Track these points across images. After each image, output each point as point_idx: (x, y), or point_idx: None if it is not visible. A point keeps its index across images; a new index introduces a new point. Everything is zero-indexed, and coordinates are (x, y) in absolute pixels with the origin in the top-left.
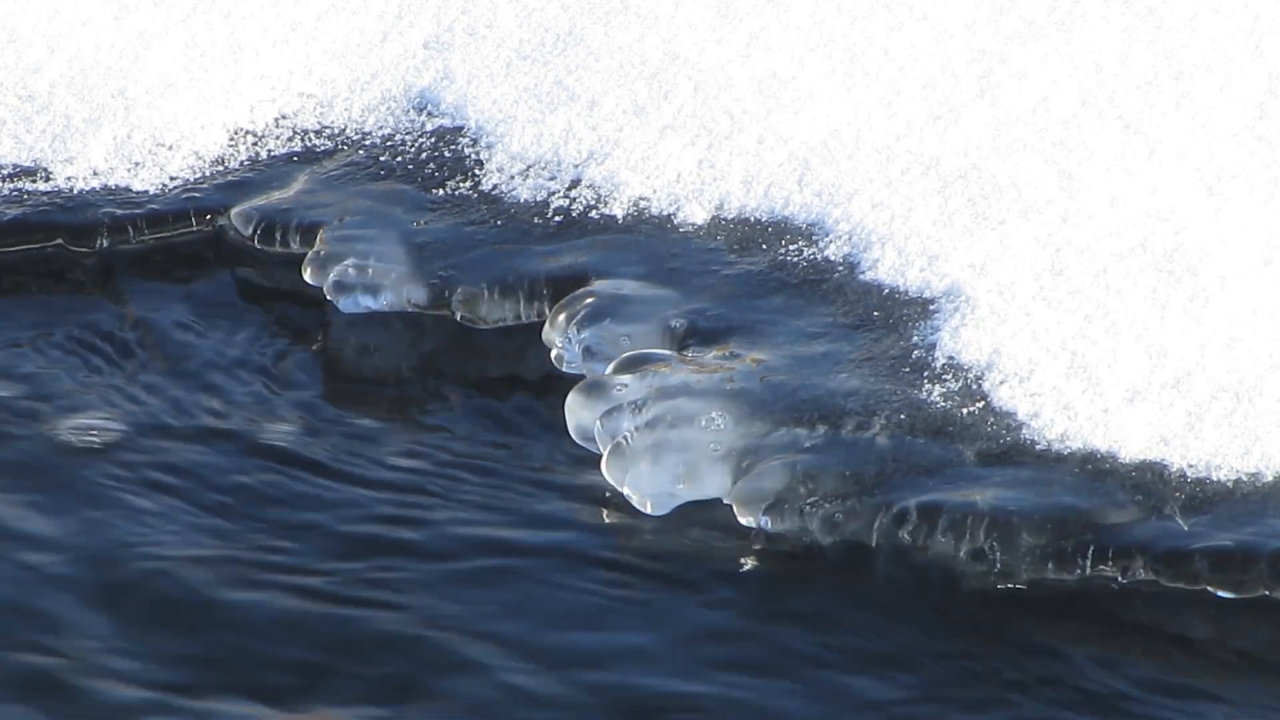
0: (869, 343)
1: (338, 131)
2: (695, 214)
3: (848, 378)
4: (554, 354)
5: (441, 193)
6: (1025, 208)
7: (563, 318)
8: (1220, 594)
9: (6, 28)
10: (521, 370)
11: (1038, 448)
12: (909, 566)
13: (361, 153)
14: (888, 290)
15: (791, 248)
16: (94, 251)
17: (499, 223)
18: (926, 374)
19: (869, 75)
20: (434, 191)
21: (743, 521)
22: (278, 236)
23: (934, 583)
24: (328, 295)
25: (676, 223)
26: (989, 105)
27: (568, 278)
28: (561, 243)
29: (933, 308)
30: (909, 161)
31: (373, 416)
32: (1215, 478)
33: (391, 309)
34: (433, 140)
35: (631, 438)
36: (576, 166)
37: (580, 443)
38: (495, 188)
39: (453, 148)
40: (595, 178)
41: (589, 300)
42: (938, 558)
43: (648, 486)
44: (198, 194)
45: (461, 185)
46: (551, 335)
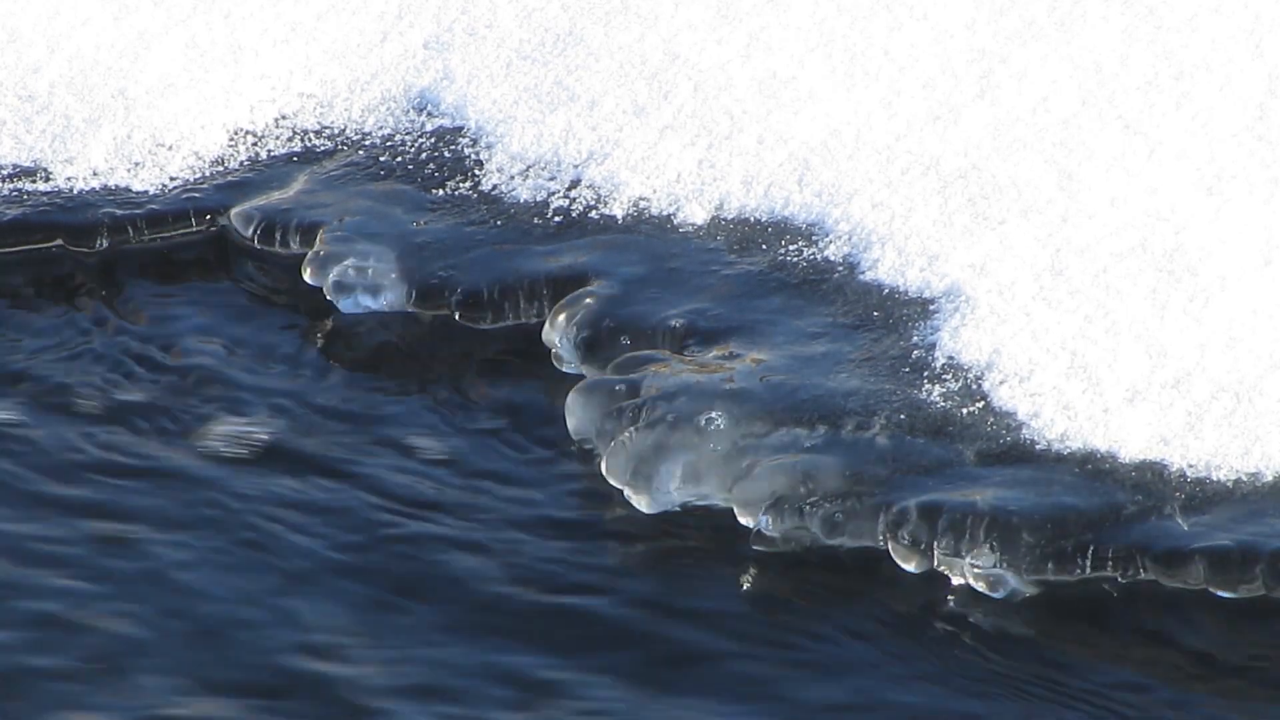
0: (869, 343)
1: (338, 131)
2: (695, 214)
3: (848, 378)
4: (554, 354)
5: (441, 193)
6: (1025, 208)
7: (563, 318)
8: (1220, 594)
9: (6, 28)
10: (521, 370)
11: (1038, 448)
12: (908, 566)
13: (361, 153)
14: (888, 290)
15: (791, 248)
16: (94, 251)
17: (499, 223)
18: (926, 374)
19: (869, 75)
20: (434, 191)
21: (742, 521)
22: (278, 236)
23: (933, 583)
24: (328, 295)
25: (676, 223)
26: (989, 105)
27: (568, 278)
28: (561, 243)
29: (933, 308)
30: (909, 161)
31: (372, 416)
32: (1215, 478)
33: (391, 309)
34: (433, 140)
35: (631, 438)
36: (576, 166)
37: (580, 442)
38: (495, 188)
39: (453, 148)
40: (595, 178)
41: (589, 300)
42: (938, 558)
43: (647, 486)
44: (198, 194)
45: (461, 185)
46: (551, 335)
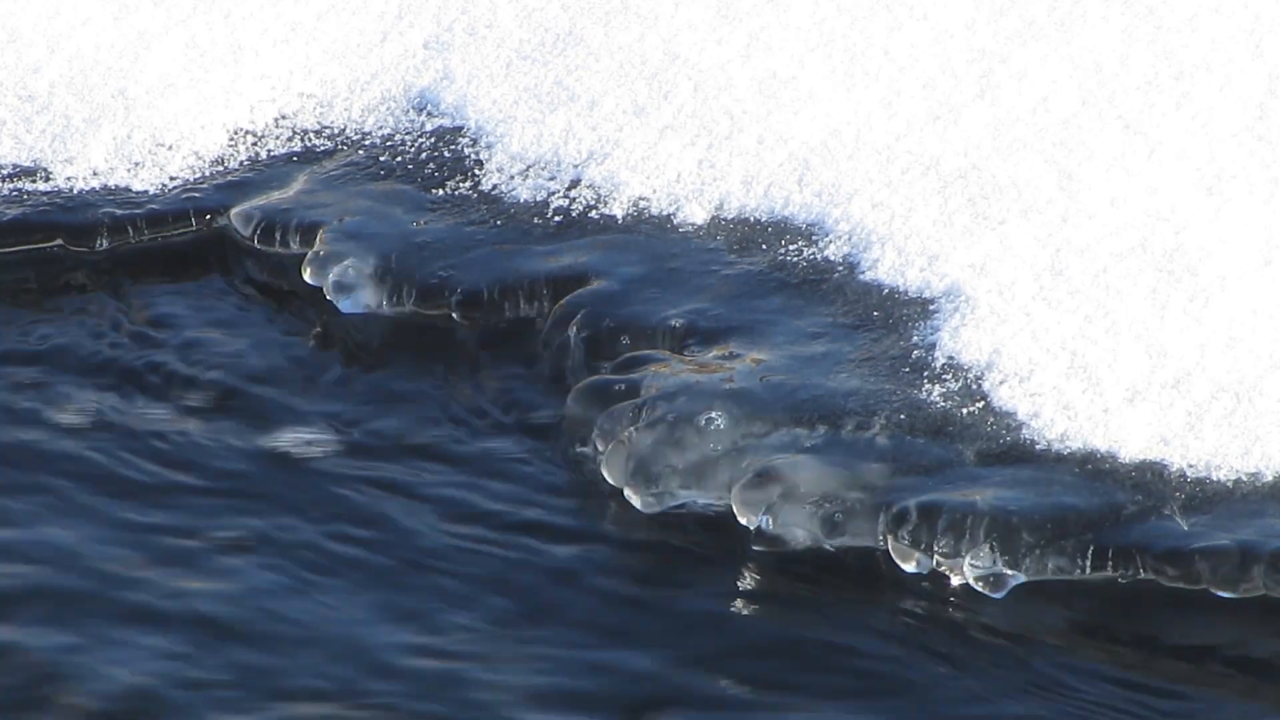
0: (869, 343)
1: (338, 131)
2: (695, 214)
3: (848, 378)
4: (554, 355)
5: (441, 193)
6: (1025, 208)
7: (562, 317)
8: (1220, 594)
9: (6, 28)
10: (521, 370)
11: (1038, 448)
12: (908, 566)
13: (361, 153)
14: (888, 290)
15: (791, 248)
16: (94, 251)
17: (499, 223)
18: (926, 374)
19: (869, 75)
20: (434, 191)
21: (743, 521)
22: (278, 236)
23: (933, 582)
24: (328, 295)
25: (676, 223)
26: (989, 105)
27: (568, 278)
28: (561, 243)
29: (933, 308)
30: (909, 161)
31: (372, 416)
32: (1215, 478)
33: (391, 309)
34: (433, 140)
35: (631, 438)
36: (576, 166)
37: (580, 443)
38: (495, 188)
39: (453, 148)
40: (595, 178)
41: (588, 300)
42: (937, 558)
43: (646, 486)
44: (198, 194)
45: (461, 185)
46: (551, 335)
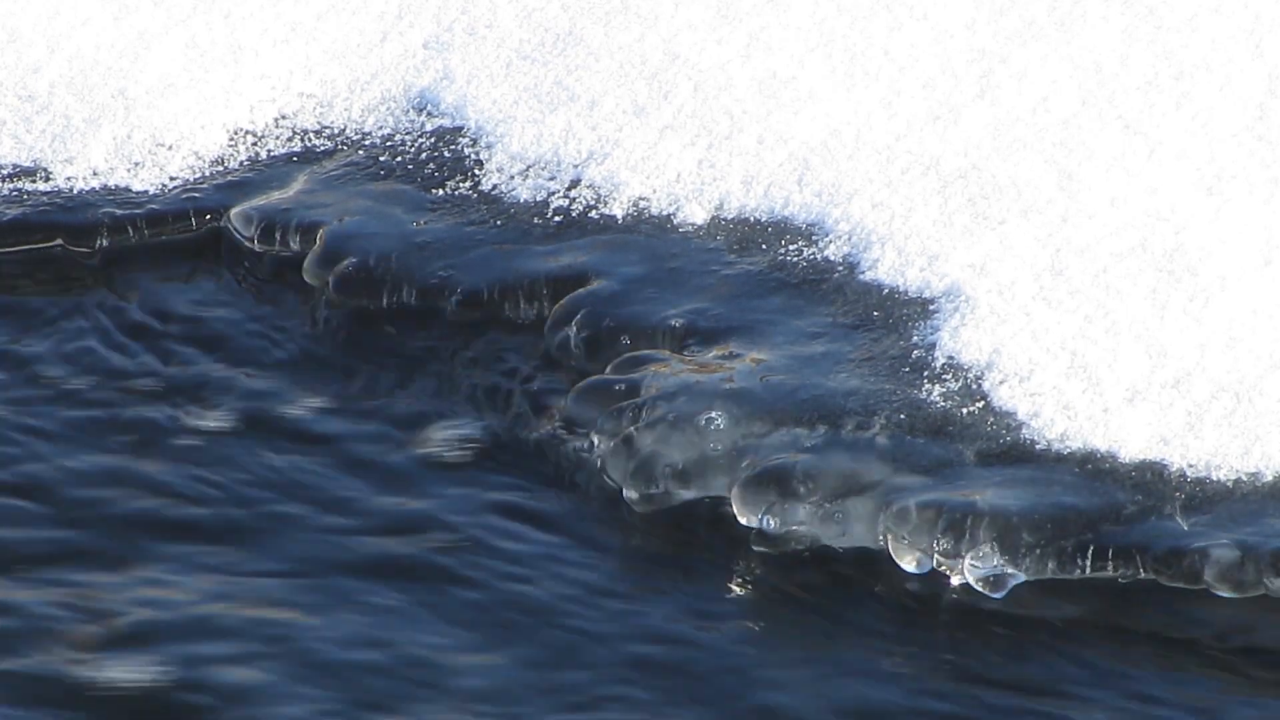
0: (869, 343)
1: (338, 131)
2: (695, 214)
3: (848, 378)
4: (554, 354)
5: (441, 193)
6: (1025, 208)
7: (562, 317)
8: (1220, 593)
9: (6, 28)
10: (521, 370)
11: (1038, 448)
12: (908, 566)
13: (361, 153)
14: (888, 290)
15: (791, 248)
16: (94, 251)
17: (499, 223)
18: (926, 374)
19: (869, 75)
20: (434, 191)
21: (743, 521)
22: (278, 236)
23: (933, 582)
24: (328, 295)
25: (676, 223)
26: (989, 105)
27: (568, 278)
28: (561, 243)
29: (933, 308)
30: (909, 161)
31: (372, 416)
32: (1215, 478)
33: (391, 309)
34: (433, 140)
35: (631, 438)
36: (576, 166)
37: (579, 443)
38: (495, 188)
39: (453, 148)
40: (595, 178)
41: (588, 300)
42: (937, 558)
43: (646, 486)
44: (198, 194)
45: (461, 185)
46: (551, 335)
